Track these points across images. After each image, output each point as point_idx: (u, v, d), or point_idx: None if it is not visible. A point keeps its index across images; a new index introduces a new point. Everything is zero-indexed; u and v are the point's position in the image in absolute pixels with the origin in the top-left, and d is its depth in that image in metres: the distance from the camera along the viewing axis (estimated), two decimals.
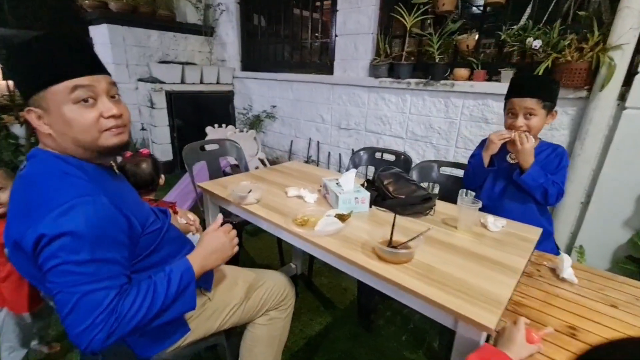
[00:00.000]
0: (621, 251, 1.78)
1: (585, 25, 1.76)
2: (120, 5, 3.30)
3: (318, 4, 3.21)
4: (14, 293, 1.17)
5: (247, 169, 2.05)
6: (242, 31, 3.91)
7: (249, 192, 1.21)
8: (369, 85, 2.75)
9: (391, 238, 0.92)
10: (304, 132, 3.46)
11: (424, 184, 1.67)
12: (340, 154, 3.17)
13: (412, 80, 2.45)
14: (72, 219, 0.64)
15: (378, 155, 1.89)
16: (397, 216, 1.10)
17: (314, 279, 1.98)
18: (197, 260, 0.81)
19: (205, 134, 3.04)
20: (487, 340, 0.69)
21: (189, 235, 1.22)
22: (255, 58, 3.94)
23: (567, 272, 0.95)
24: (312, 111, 3.32)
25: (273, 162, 3.54)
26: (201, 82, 3.74)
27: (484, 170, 1.32)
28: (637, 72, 1.60)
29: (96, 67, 0.75)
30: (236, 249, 0.92)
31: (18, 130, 3.04)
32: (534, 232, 1.07)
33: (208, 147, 2.07)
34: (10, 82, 3.12)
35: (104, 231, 0.67)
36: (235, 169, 2.79)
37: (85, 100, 0.71)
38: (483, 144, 1.38)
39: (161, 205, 1.19)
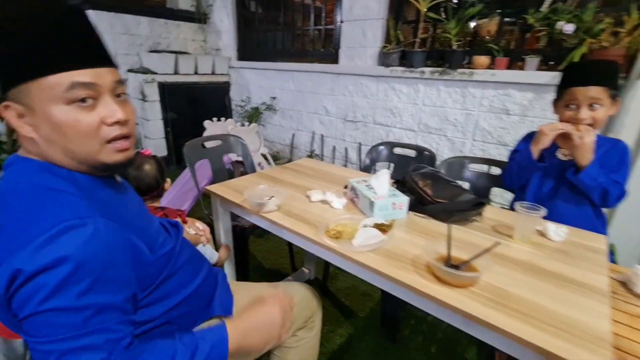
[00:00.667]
0: None
1: (622, 7, 1.62)
2: None
3: None
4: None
5: (252, 167, 1.89)
6: (238, 18, 3.68)
7: (270, 198, 1.05)
8: (378, 74, 2.58)
9: (449, 255, 0.78)
10: (307, 125, 3.28)
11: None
12: (346, 148, 3.01)
13: (427, 69, 2.29)
14: (57, 251, 0.47)
15: (397, 150, 1.74)
16: (441, 223, 0.97)
17: (329, 284, 1.84)
18: (236, 333, 0.61)
19: (202, 128, 2.84)
20: None
21: (199, 247, 1.07)
22: (252, 47, 3.72)
23: None
24: (315, 103, 3.14)
25: (274, 157, 3.36)
26: (195, 73, 3.51)
27: (533, 166, 1.17)
28: None
29: (101, 56, 0.57)
30: (285, 336, 0.71)
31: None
32: (601, 241, 0.94)
33: (209, 144, 1.89)
34: None
35: (99, 266, 0.50)
36: (237, 165, 2.62)
37: (83, 101, 0.54)
38: (527, 138, 1.24)
39: (170, 215, 1.03)
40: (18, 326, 0.50)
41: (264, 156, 2.93)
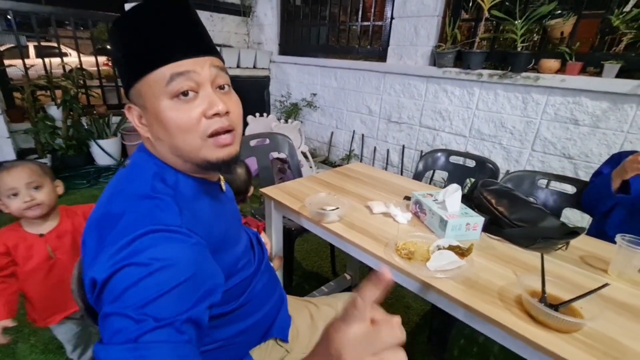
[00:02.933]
0: None
1: None
2: None
3: None
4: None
5: (298, 168, 1.86)
6: (282, 12, 3.65)
7: (335, 209, 1.00)
8: (429, 75, 2.46)
9: (544, 291, 0.70)
10: (347, 123, 3.21)
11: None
12: (388, 150, 2.92)
13: (485, 72, 2.14)
14: (134, 254, 0.44)
15: (454, 159, 1.64)
16: (521, 250, 0.88)
17: None
18: None
19: (246, 124, 2.85)
20: None
21: None
22: (295, 41, 3.68)
23: None
24: (357, 101, 3.06)
25: (313, 155, 3.32)
26: (238, 66, 3.53)
27: (611, 196, 1.06)
28: None
29: (201, 46, 0.55)
30: None
31: (55, 111, 2.95)
32: None
33: (254, 141, 1.87)
34: (48, 61, 3.02)
35: (175, 276, 0.45)
36: (276, 161, 2.60)
37: (185, 94, 0.52)
38: (613, 160, 1.11)
39: (250, 225, 0.99)
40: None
41: (304, 154, 2.90)
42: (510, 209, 0.99)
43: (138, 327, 0.40)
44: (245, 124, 2.84)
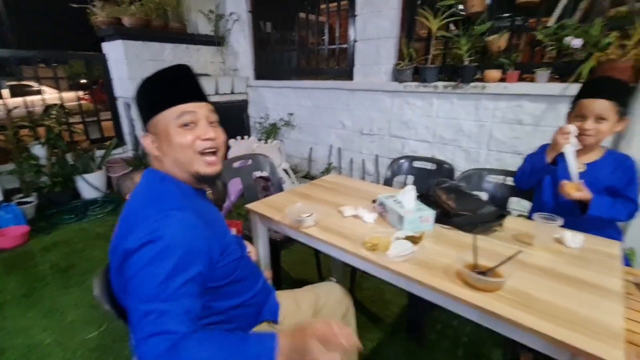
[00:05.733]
0: None
1: (627, 21, 1.71)
2: (133, 20, 3.28)
3: (334, 8, 3.16)
4: None
5: (279, 184, 2.02)
6: (254, 39, 3.88)
7: (310, 215, 1.17)
8: (392, 89, 2.71)
9: (476, 263, 0.89)
10: (324, 138, 3.42)
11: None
12: (363, 160, 3.13)
13: (440, 84, 2.40)
14: (159, 230, 0.67)
15: (417, 163, 1.85)
16: (466, 234, 1.07)
17: (355, 293, 1.94)
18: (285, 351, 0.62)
19: (228, 147, 3.01)
20: None
21: None
22: (269, 66, 3.91)
23: None
24: (331, 117, 3.28)
25: (293, 171, 3.50)
26: (216, 93, 3.72)
27: (544, 168, 1.25)
28: None
29: (200, 95, 0.84)
30: None
31: (38, 150, 3.02)
32: (615, 247, 1.02)
33: (237, 163, 2.03)
34: (29, 100, 3.12)
35: (185, 242, 0.68)
36: (259, 180, 2.76)
37: (186, 125, 0.79)
38: (541, 148, 1.34)
39: (230, 225, 1.17)
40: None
41: (285, 171, 3.07)
42: (456, 202, 1.19)
43: None
44: (228, 147, 3.00)
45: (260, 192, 2.72)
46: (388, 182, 1.85)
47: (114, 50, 3.35)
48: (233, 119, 3.98)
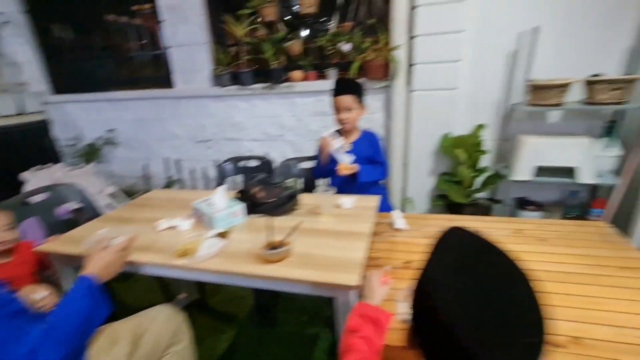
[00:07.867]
0: (434, 193, 2.45)
1: (377, 30, 2.26)
2: None
3: (145, 11, 2.92)
4: None
5: (95, 211, 1.80)
6: (41, 46, 3.21)
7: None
8: (215, 94, 2.75)
9: (271, 240, 1.05)
10: (157, 152, 3.19)
11: (290, 180, 1.86)
12: (203, 168, 3.08)
13: (257, 86, 2.59)
14: None
15: (242, 162, 1.97)
16: (274, 218, 1.24)
17: (209, 301, 1.94)
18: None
19: (21, 183, 2.43)
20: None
21: None
22: (71, 77, 3.31)
23: (399, 222, 1.29)
24: (160, 129, 3.08)
25: (128, 192, 3.13)
26: None
27: (326, 168, 1.61)
28: (413, 65, 2.18)
29: None
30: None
31: None
32: (373, 200, 1.39)
33: (34, 199, 1.70)
34: None
35: None
36: (81, 212, 2.36)
37: None
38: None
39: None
40: None
41: (112, 195, 2.72)
42: (264, 192, 1.35)
43: None
44: (21, 183, 2.42)
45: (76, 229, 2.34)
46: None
47: None
48: (31, 146, 3.21)
